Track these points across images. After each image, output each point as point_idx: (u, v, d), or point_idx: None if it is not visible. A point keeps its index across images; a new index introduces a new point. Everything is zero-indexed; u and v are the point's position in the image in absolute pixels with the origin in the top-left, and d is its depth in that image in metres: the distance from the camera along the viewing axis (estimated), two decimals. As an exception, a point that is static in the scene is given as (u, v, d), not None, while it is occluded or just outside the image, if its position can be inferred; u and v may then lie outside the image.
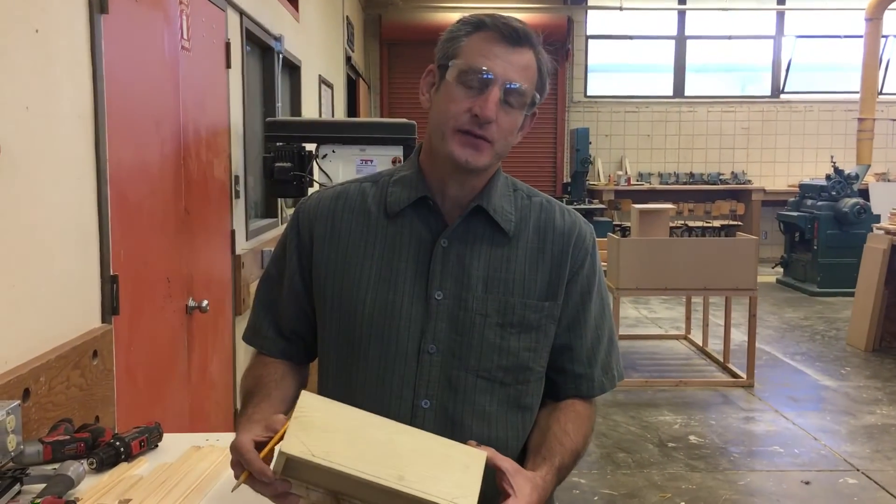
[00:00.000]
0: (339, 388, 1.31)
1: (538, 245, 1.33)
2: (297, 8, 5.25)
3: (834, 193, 8.89)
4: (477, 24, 1.25)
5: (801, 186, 9.61)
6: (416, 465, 1.09)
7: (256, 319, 1.42)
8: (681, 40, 11.58)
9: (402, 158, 3.54)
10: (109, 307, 2.08)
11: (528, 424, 1.35)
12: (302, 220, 1.37)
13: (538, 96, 1.28)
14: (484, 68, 1.22)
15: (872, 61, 9.67)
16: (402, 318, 1.28)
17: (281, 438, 1.10)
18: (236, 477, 1.16)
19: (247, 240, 3.66)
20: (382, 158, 3.55)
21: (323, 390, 1.34)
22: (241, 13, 3.62)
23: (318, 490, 1.13)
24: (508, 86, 1.23)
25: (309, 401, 1.13)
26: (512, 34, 1.23)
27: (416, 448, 1.12)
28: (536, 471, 1.23)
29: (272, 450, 1.12)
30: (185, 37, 2.77)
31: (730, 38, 11.58)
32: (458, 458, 1.13)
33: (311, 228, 1.35)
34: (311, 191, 3.83)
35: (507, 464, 1.17)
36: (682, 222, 10.98)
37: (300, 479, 1.12)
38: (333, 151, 3.57)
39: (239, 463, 1.15)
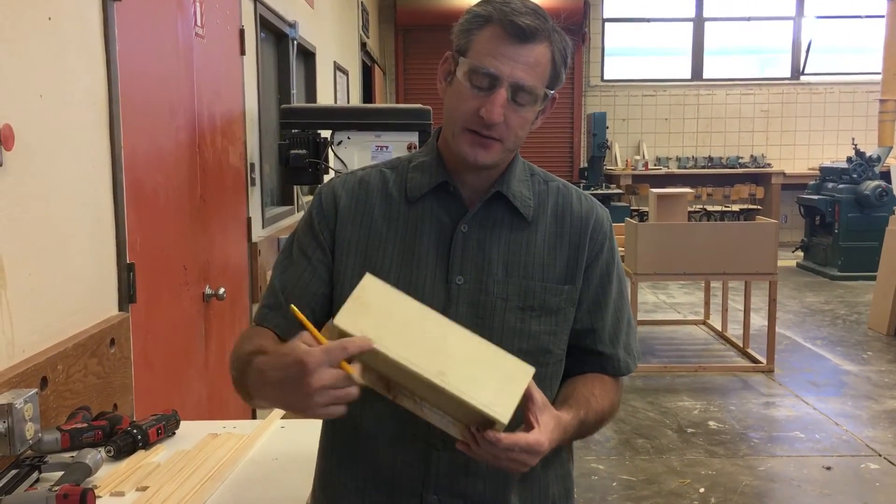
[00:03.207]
0: None
1: (556, 229, 1.34)
2: (311, -6, 5.23)
3: (855, 176, 8.78)
4: (486, 18, 1.23)
5: (822, 169, 9.50)
6: (461, 365, 1.08)
7: (276, 299, 1.33)
8: (699, 22, 11.45)
9: (417, 144, 3.52)
10: (126, 295, 2.09)
11: None
12: (325, 198, 1.35)
13: (550, 91, 1.26)
14: (490, 70, 1.20)
15: (894, 41, 9.50)
16: (423, 301, 1.27)
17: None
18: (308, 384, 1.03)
19: (263, 227, 3.66)
20: (398, 144, 3.53)
21: None
22: (255, 0, 3.61)
23: (371, 373, 1.12)
24: (516, 86, 1.21)
25: (371, 283, 1.13)
26: (519, 32, 1.20)
27: (466, 349, 1.11)
28: (562, 412, 1.22)
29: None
30: (198, 24, 2.76)
31: (749, 19, 11.44)
32: (505, 368, 1.12)
33: (336, 205, 1.33)
34: (326, 178, 3.83)
35: (538, 396, 1.15)
36: (701, 207, 10.89)
37: (352, 359, 1.12)
38: (349, 138, 3.56)
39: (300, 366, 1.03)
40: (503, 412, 1.07)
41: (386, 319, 1.08)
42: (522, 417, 1.14)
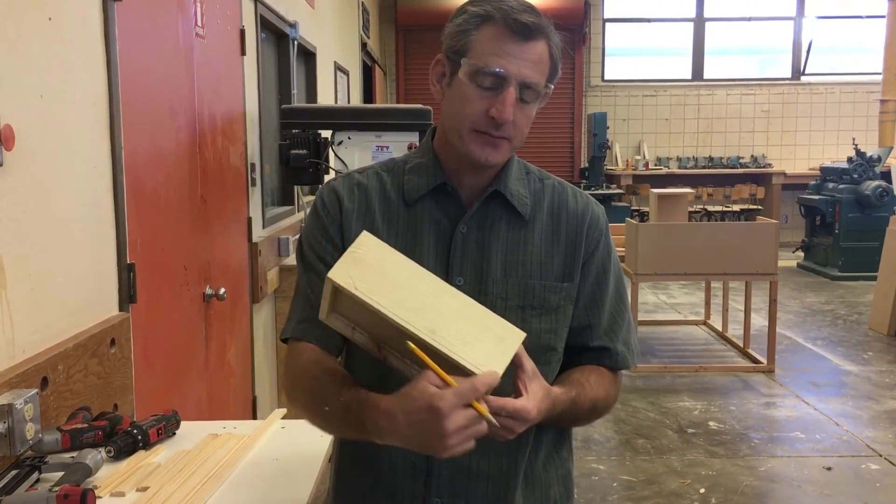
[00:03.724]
0: (372, 375, 1.25)
1: (553, 227, 1.34)
2: (311, -6, 5.23)
3: (855, 176, 8.78)
4: (485, 17, 1.22)
5: (822, 169, 9.50)
6: (452, 324, 1.08)
7: (313, 312, 1.24)
8: (699, 22, 11.45)
9: (417, 144, 3.51)
10: (127, 295, 2.09)
11: None
12: (329, 199, 1.34)
13: (550, 85, 1.26)
14: (498, 69, 1.20)
15: (895, 41, 9.51)
16: None
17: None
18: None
19: (263, 227, 3.66)
20: (398, 144, 3.53)
21: (353, 374, 1.30)
22: (256, 0, 3.61)
23: (363, 333, 1.15)
24: (523, 84, 1.21)
25: (367, 240, 1.15)
26: (523, 30, 1.20)
27: (458, 310, 1.11)
28: (553, 387, 1.21)
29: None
30: (199, 24, 2.76)
31: (749, 19, 11.44)
32: (495, 330, 1.12)
33: (340, 205, 1.33)
34: (327, 178, 3.83)
35: (529, 364, 1.15)
36: (702, 207, 10.89)
37: (346, 316, 1.15)
38: (349, 138, 3.56)
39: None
40: (493, 372, 1.06)
41: (380, 276, 1.10)
42: (512, 385, 1.13)
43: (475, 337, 1.09)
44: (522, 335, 1.13)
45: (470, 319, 1.11)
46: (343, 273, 1.09)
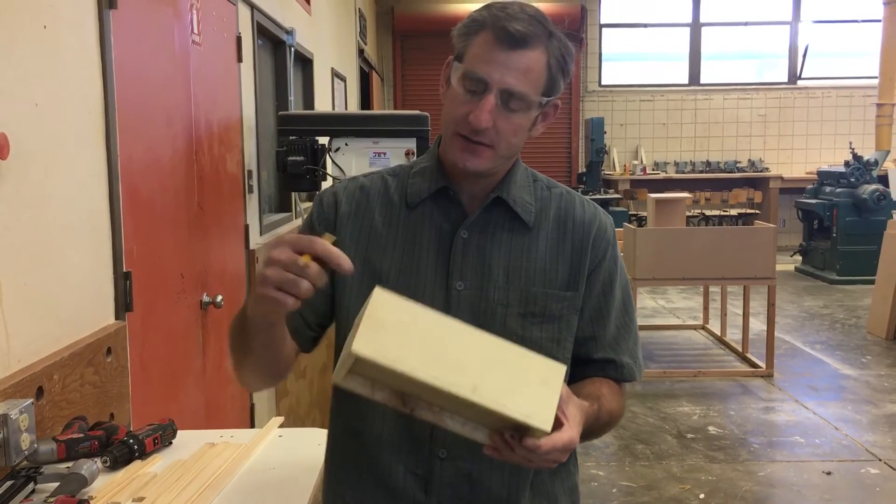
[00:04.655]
0: None
1: (558, 235, 1.33)
2: (308, 1, 5.23)
3: (853, 180, 8.79)
4: (482, 24, 1.22)
5: (820, 173, 9.50)
6: (492, 375, 1.03)
7: None
8: (696, 27, 11.47)
9: (415, 151, 3.52)
10: (123, 304, 2.08)
11: None
12: (326, 201, 1.35)
13: (546, 98, 1.24)
14: (480, 74, 1.20)
15: (891, 46, 9.53)
16: None
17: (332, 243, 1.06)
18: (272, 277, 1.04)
19: (261, 234, 3.66)
20: (396, 151, 3.53)
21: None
22: (252, 7, 3.61)
23: (384, 391, 1.09)
24: (506, 92, 1.20)
25: (383, 297, 1.04)
26: (509, 38, 1.19)
27: (494, 357, 1.06)
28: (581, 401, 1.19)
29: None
30: (195, 31, 2.76)
31: (745, 24, 11.46)
32: (537, 371, 1.07)
33: (336, 208, 1.34)
34: (324, 184, 3.82)
35: (564, 389, 1.11)
36: (699, 211, 10.90)
37: (366, 376, 1.08)
38: (346, 144, 3.56)
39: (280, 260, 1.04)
40: (545, 420, 1.03)
41: (405, 336, 1.02)
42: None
43: (519, 383, 1.04)
44: (563, 368, 1.09)
45: (508, 364, 1.06)
46: (368, 343, 1.00)
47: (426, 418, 1.10)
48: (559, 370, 1.08)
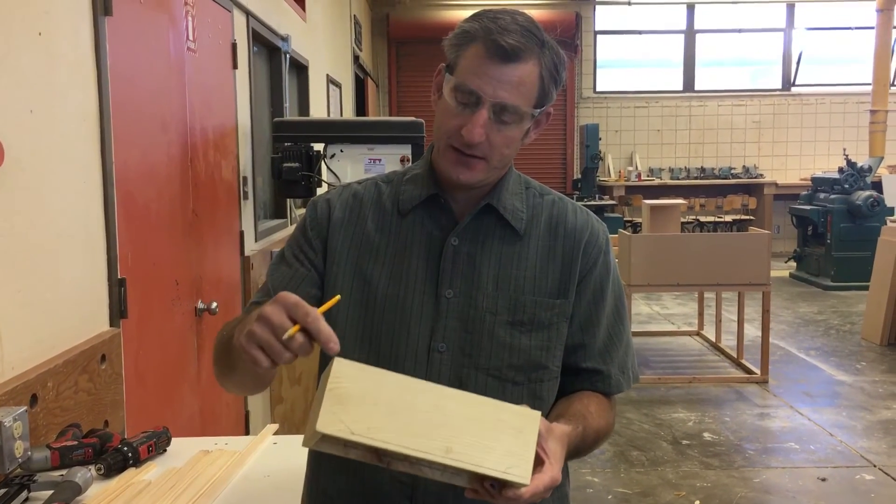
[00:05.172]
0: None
1: (549, 242, 1.32)
2: (303, 8, 5.24)
3: (847, 186, 8.82)
4: (473, 36, 1.21)
5: (814, 180, 9.54)
6: (464, 434, 1.01)
7: (268, 297, 1.27)
8: (690, 34, 11.51)
9: (410, 157, 3.52)
10: (117, 311, 2.07)
11: None
12: (320, 207, 1.36)
13: (538, 109, 1.24)
14: (472, 88, 1.19)
15: (884, 52, 9.58)
16: (412, 315, 1.27)
17: (333, 305, 1.06)
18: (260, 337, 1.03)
19: (256, 241, 3.65)
20: (391, 157, 3.53)
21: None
22: (248, 14, 3.61)
23: (357, 449, 1.05)
24: (499, 105, 1.19)
25: (344, 369, 1.01)
26: (501, 52, 1.18)
27: (464, 414, 1.03)
28: (562, 425, 1.18)
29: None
30: (190, 38, 2.76)
31: (740, 31, 11.50)
32: (511, 422, 1.05)
33: (329, 214, 1.34)
34: (319, 191, 3.82)
35: (541, 425, 1.10)
36: (694, 217, 10.92)
37: (337, 442, 1.05)
38: (342, 151, 3.56)
39: (272, 320, 1.02)
40: (523, 474, 1.02)
41: (372, 406, 0.99)
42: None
43: (493, 438, 1.02)
44: (538, 415, 1.07)
45: (481, 419, 1.04)
46: (332, 420, 0.97)
47: (404, 470, 1.08)
48: (533, 418, 1.07)
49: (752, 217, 10.92)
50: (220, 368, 1.31)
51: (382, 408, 1.00)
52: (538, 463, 1.07)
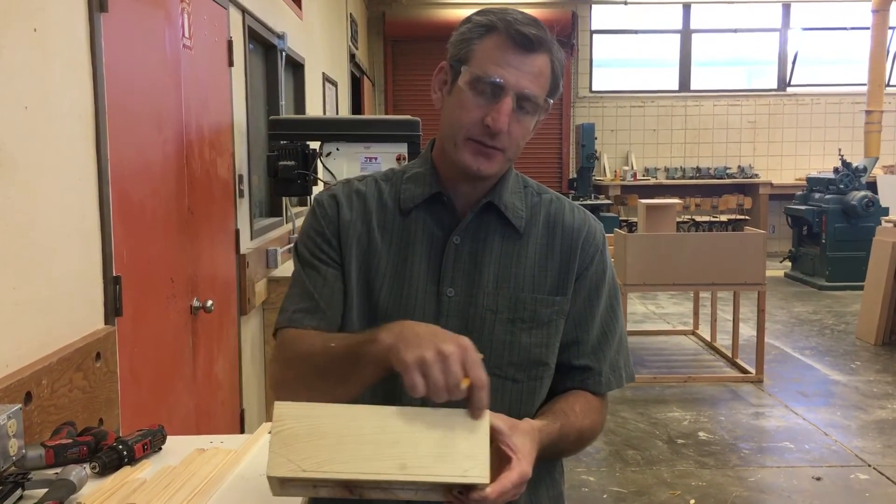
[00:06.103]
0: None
1: (548, 241, 1.33)
2: (300, 6, 5.23)
3: (842, 186, 8.84)
4: (489, 27, 1.22)
5: (809, 180, 9.56)
6: (417, 447, 1.02)
7: (311, 302, 1.29)
8: (686, 34, 11.52)
9: (406, 155, 3.52)
10: (112, 308, 2.07)
11: None
12: (328, 204, 1.34)
13: (550, 100, 1.26)
14: (496, 78, 1.20)
15: (879, 53, 9.61)
16: (414, 314, 1.27)
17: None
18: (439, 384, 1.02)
19: (251, 239, 3.65)
20: (387, 156, 3.53)
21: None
22: (244, 11, 3.60)
23: (325, 486, 1.07)
24: (521, 95, 1.21)
25: (285, 411, 1.05)
26: (525, 41, 1.20)
27: (413, 428, 1.04)
28: (535, 421, 1.18)
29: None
30: (186, 35, 2.75)
31: (735, 31, 11.52)
32: (461, 425, 1.05)
33: (339, 211, 1.33)
34: (315, 189, 3.82)
35: (501, 422, 1.11)
36: (689, 217, 10.94)
37: (302, 482, 1.06)
38: (338, 149, 3.55)
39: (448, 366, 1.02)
40: (481, 473, 1.02)
41: (319, 441, 1.01)
42: (495, 449, 1.09)
43: (446, 445, 1.03)
44: (486, 413, 1.07)
45: (430, 429, 1.04)
46: (281, 462, 1.00)
47: (377, 497, 1.08)
48: (483, 416, 1.06)
49: (747, 217, 10.94)
50: (312, 379, 1.23)
51: (330, 440, 1.02)
52: (506, 461, 1.07)
